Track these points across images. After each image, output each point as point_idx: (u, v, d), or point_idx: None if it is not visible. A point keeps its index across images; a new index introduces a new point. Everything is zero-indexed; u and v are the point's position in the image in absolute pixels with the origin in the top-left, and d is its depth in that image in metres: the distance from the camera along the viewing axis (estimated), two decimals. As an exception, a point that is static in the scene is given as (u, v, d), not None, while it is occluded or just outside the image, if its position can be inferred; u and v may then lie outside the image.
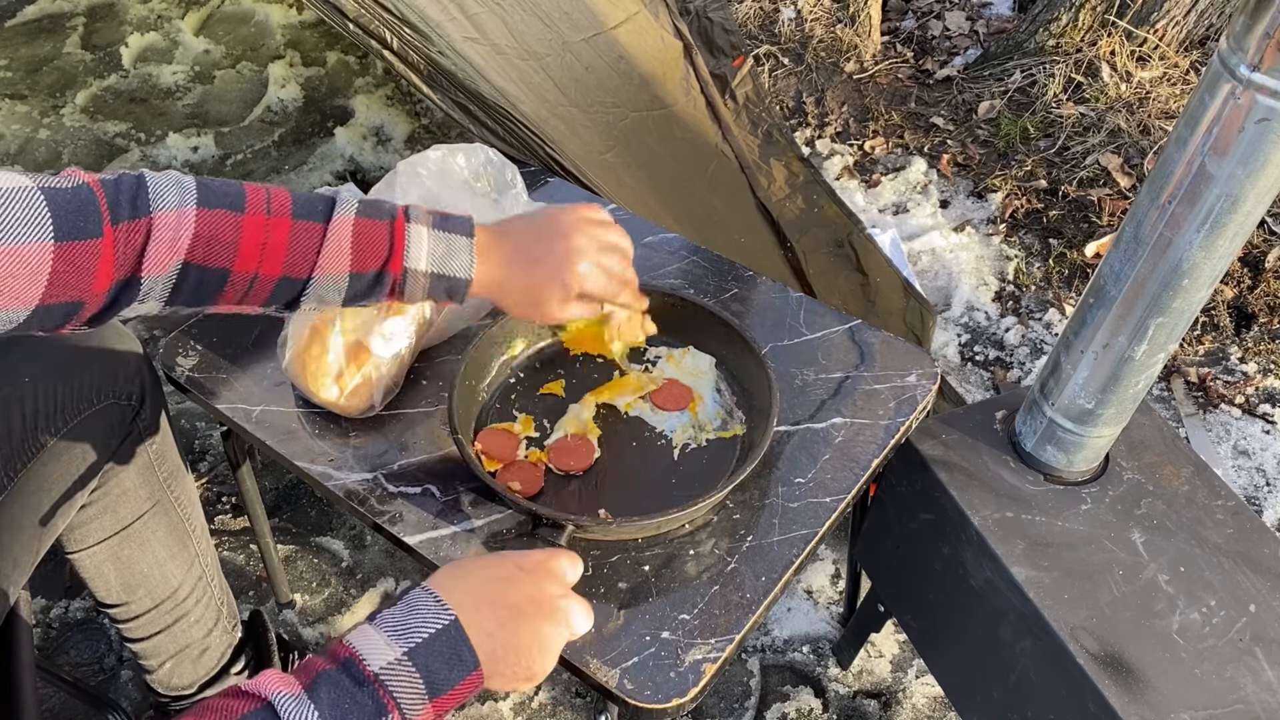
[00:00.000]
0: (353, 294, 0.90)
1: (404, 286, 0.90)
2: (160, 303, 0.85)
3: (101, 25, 3.10)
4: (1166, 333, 1.00)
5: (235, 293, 0.86)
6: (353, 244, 0.87)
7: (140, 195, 0.81)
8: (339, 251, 0.87)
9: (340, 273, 0.88)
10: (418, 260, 0.90)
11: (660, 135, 1.85)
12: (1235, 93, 0.82)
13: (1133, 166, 2.46)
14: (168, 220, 0.81)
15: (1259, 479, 1.91)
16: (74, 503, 1.10)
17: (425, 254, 0.90)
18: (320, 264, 0.87)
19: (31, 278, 0.74)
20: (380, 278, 0.89)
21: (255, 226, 0.84)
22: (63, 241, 0.75)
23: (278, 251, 0.86)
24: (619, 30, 1.82)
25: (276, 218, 0.86)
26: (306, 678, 0.66)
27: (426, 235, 0.90)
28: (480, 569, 0.78)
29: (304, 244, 0.86)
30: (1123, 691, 0.97)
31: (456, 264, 0.91)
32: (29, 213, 0.73)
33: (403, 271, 0.90)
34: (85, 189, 0.78)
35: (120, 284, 0.81)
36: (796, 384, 1.20)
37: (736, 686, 1.59)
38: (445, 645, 0.70)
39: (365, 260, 0.88)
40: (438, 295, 0.92)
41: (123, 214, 0.79)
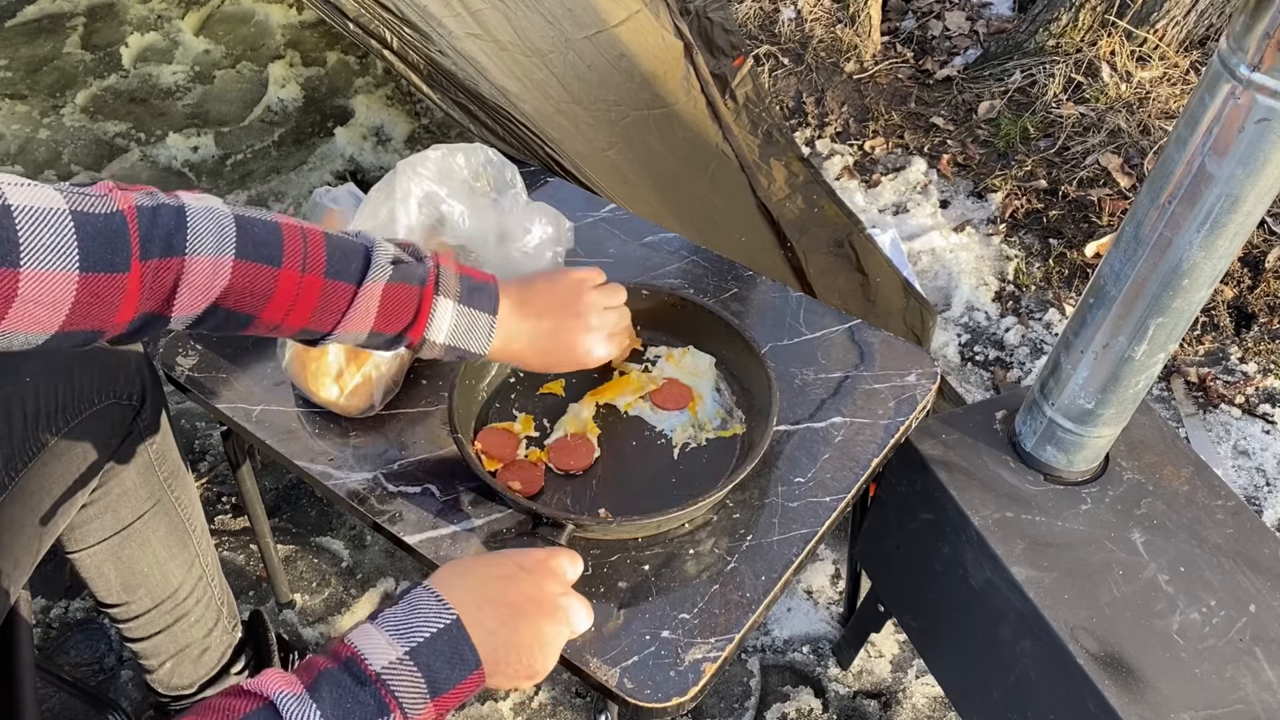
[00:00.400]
0: (369, 345, 0.93)
1: (419, 350, 0.94)
2: (180, 328, 0.86)
3: (101, 25, 3.10)
4: (1166, 333, 1.00)
5: (256, 332, 0.88)
6: (379, 309, 0.89)
7: (177, 235, 0.78)
8: (364, 314, 0.89)
9: (361, 331, 0.90)
10: (438, 334, 0.92)
11: (661, 134, 1.85)
12: (1235, 93, 0.82)
13: (1133, 166, 2.46)
14: (202, 267, 0.80)
15: (1259, 479, 1.91)
16: (74, 502, 1.10)
17: (447, 328, 0.92)
18: (343, 324, 0.89)
19: (54, 306, 0.72)
20: (398, 339, 0.92)
21: (289, 282, 0.85)
22: (88, 273, 0.73)
23: (306, 307, 0.87)
24: (620, 28, 1.82)
25: (310, 275, 0.86)
26: (308, 677, 0.66)
27: (451, 310, 0.92)
28: (481, 568, 0.78)
29: (332, 303, 0.88)
30: (1123, 691, 0.97)
31: (475, 340, 0.95)
32: (56, 239, 0.71)
33: (421, 340, 0.92)
34: (119, 217, 0.75)
35: (146, 317, 0.80)
36: (796, 384, 1.20)
37: (736, 686, 1.59)
38: (447, 644, 0.70)
39: (388, 324, 0.90)
40: (449, 359, 0.96)
41: (154, 251, 0.77)
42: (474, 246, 1.20)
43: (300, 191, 2.52)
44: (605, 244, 1.40)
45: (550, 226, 1.20)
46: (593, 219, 1.43)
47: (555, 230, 1.21)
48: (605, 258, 1.37)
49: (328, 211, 1.28)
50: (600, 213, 1.45)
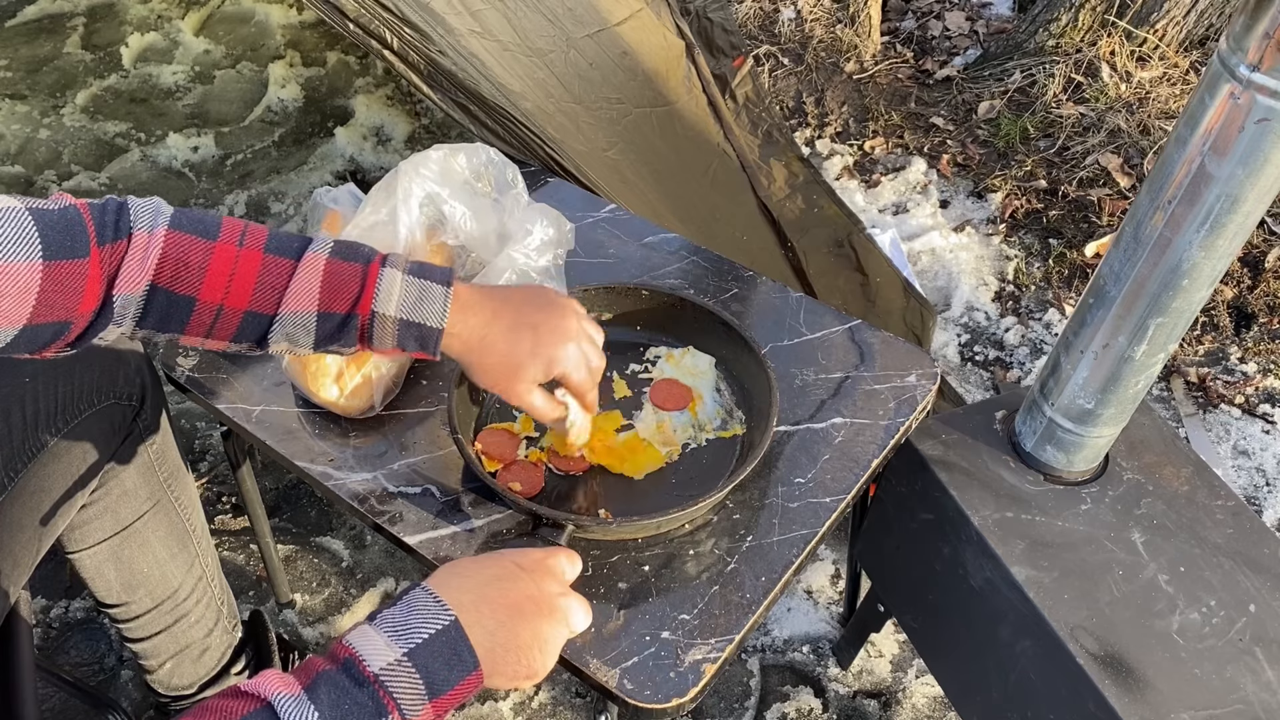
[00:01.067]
0: (322, 335, 0.88)
1: (372, 331, 0.88)
2: (133, 324, 0.84)
3: (101, 25, 3.10)
4: (1166, 333, 1.00)
5: (202, 323, 0.85)
6: (322, 283, 0.86)
7: (122, 217, 0.82)
8: (307, 289, 0.86)
9: (307, 311, 0.86)
10: (387, 305, 0.87)
11: (663, 132, 1.85)
12: (1235, 93, 0.82)
13: (1133, 166, 2.46)
14: (140, 240, 0.82)
15: (1259, 479, 1.91)
16: (74, 502, 1.10)
17: (396, 299, 0.88)
18: (286, 301, 0.86)
19: (21, 296, 0.74)
20: (348, 320, 0.87)
21: (224, 256, 0.84)
22: (51, 261, 0.75)
23: (245, 284, 0.85)
24: (622, 27, 1.82)
25: (248, 250, 0.85)
26: (306, 678, 0.66)
27: (399, 280, 0.88)
28: (479, 568, 0.78)
29: (272, 279, 0.86)
30: (1123, 691, 0.97)
31: (428, 311, 0.88)
32: (18, 232, 0.74)
33: (370, 315, 0.87)
34: (73, 210, 0.79)
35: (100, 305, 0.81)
36: (796, 384, 1.20)
37: (736, 686, 1.59)
38: (445, 645, 0.70)
39: (333, 300, 0.87)
40: (408, 344, 0.89)
41: (108, 235, 0.80)
42: (475, 247, 1.20)
43: (300, 191, 2.52)
44: (605, 244, 1.40)
45: (551, 227, 1.20)
46: (593, 219, 1.43)
47: (556, 231, 1.21)
48: (605, 258, 1.37)
49: (328, 211, 1.28)
50: (600, 213, 1.45)
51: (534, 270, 1.18)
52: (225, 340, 0.88)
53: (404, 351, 0.91)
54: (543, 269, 1.18)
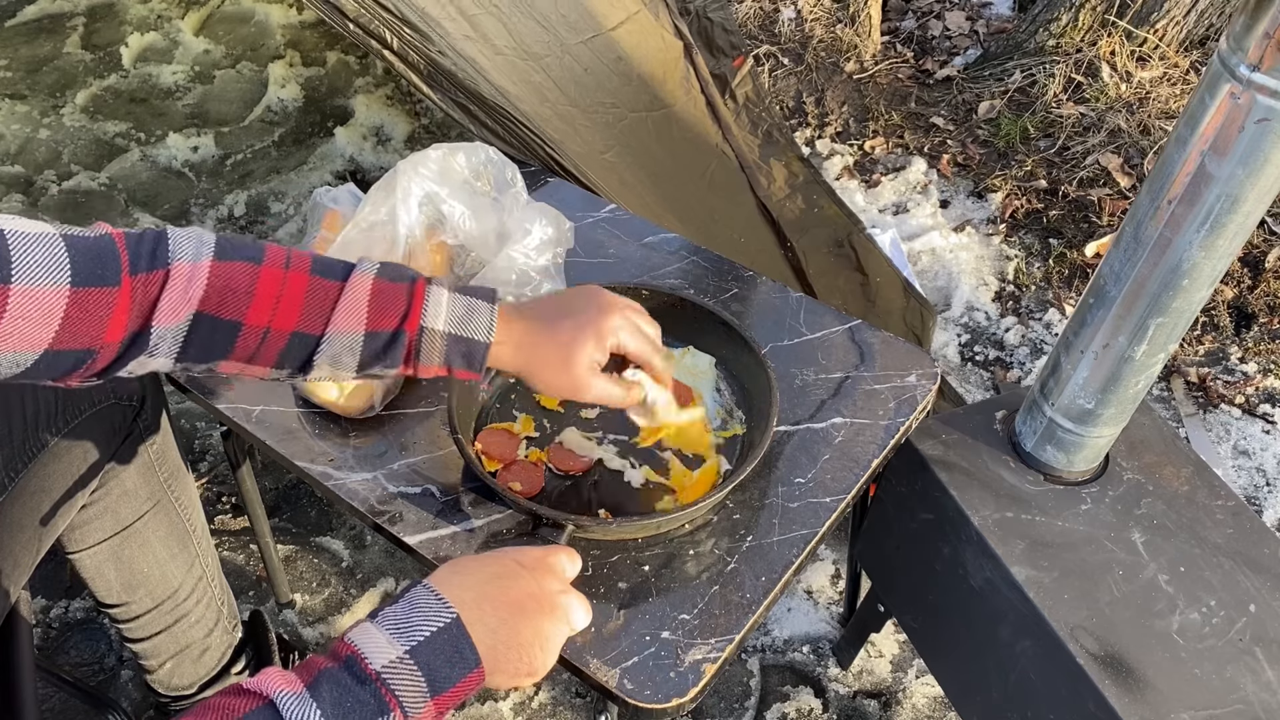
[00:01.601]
0: (368, 356, 0.87)
1: (419, 348, 0.88)
2: (170, 358, 0.83)
3: (101, 25, 3.10)
4: (1166, 333, 1.00)
5: (247, 347, 0.84)
6: (369, 301, 0.86)
7: (160, 247, 0.80)
8: (355, 307, 0.85)
9: (355, 330, 0.86)
10: (435, 319, 0.88)
11: (660, 136, 1.85)
12: (1235, 93, 0.82)
13: (1133, 166, 2.46)
14: (182, 271, 0.80)
15: (1259, 479, 1.91)
16: (74, 503, 1.10)
17: (444, 314, 0.88)
18: (334, 320, 0.85)
19: (43, 321, 0.73)
20: (396, 337, 0.87)
21: (271, 279, 0.83)
22: (79, 287, 0.74)
23: (293, 305, 0.84)
24: (618, 31, 1.82)
25: (294, 272, 0.85)
26: (308, 676, 0.66)
27: (446, 297, 0.89)
28: (480, 566, 0.78)
29: (320, 299, 0.85)
30: (1123, 691, 0.97)
31: (476, 325, 0.89)
32: (48, 257, 0.73)
33: (419, 331, 0.87)
34: (107, 239, 0.78)
35: (133, 336, 0.80)
36: (796, 384, 1.20)
37: (736, 686, 1.59)
38: (447, 643, 0.70)
39: (381, 318, 0.86)
40: (455, 361, 0.89)
41: (142, 265, 0.79)
42: (474, 246, 1.20)
43: (300, 191, 2.52)
44: (605, 244, 1.40)
45: (550, 227, 1.20)
46: (593, 219, 1.43)
47: (556, 230, 1.21)
48: (605, 258, 1.37)
49: (328, 211, 1.28)
50: (600, 213, 1.45)
51: (534, 269, 1.18)
52: (267, 366, 0.87)
53: (449, 371, 0.90)
54: (542, 268, 1.18)
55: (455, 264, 1.24)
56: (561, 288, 1.19)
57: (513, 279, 1.16)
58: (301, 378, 0.89)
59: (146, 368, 0.83)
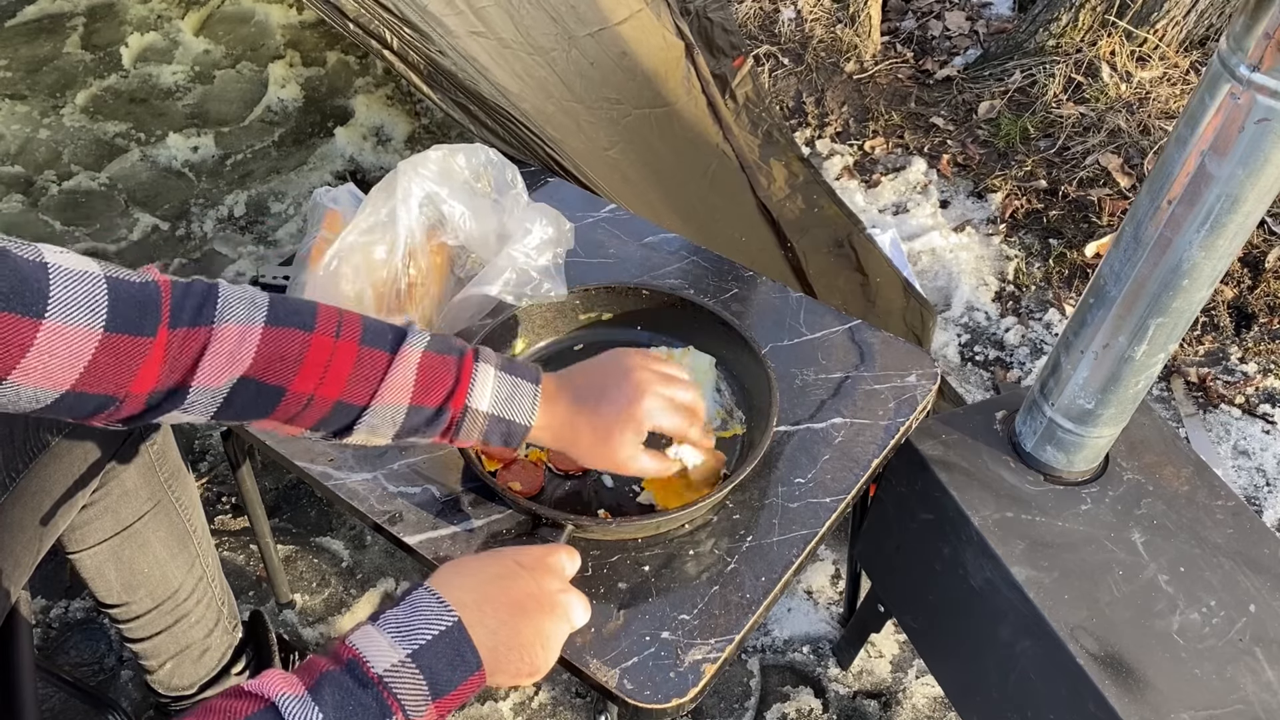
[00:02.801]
0: (407, 428, 0.87)
1: (461, 424, 0.88)
2: (206, 416, 0.81)
3: (101, 25, 3.10)
4: (1166, 333, 1.00)
5: (287, 412, 0.83)
6: (418, 376, 0.85)
7: (207, 305, 0.78)
8: (403, 382, 0.85)
9: (400, 404, 0.85)
10: (480, 400, 0.87)
11: (662, 133, 1.85)
12: (1235, 93, 0.82)
13: (1133, 166, 2.46)
14: (230, 334, 0.78)
15: (1259, 479, 1.91)
16: (75, 503, 1.10)
17: (489, 395, 0.88)
18: (381, 392, 0.84)
19: (69, 361, 0.71)
20: (439, 413, 0.86)
21: (321, 348, 0.82)
22: (113, 333, 0.72)
23: (340, 374, 0.83)
24: (622, 27, 1.82)
25: (344, 341, 0.83)
26: (310, 679, 0.66)
27: (493, 376, 0.88)
28: (481, 567, 0.78)
29: (368, 370, 0.84)
30: (1123, 691, 0.97)
31: (519, 409, 0.89)
32: (88, 297, 0.71)
33: (463, 410, 0.87)
34: (153, 286, 0.76)
35: (166, 391, 0.77)
36: (796, 384, 1.20)
37: (736, 686, 1.59)
38: (448, 646, 0.70)
39: (427, 394, 0.86)
40: (493, 440, 0.90)
41: (184, 319, 0.77)
42: (474, 246, 1.20)
43: (300, 191, 2.52)
44: (605, 244, 1.40)
45: (550, 227, 1.20)
46: (593, 219, 1.43)
47: (556, 230, 1.21)
48: (605, 258, 1.37)
49: (328, 211, 1.28)
50: (600, 213, 1.45)
51: (534, 269, 1.18)
52: (304, 428, 0.85)
53: (485, 445, 0.91)
54: (542, 268, 1.18)
55: (455, 265, 1.24)
56: (561, 289, 1.19)
57: (512, 278, 1.16)
58: (336, 440, 0.88)
59: (180, 420, 0.81)
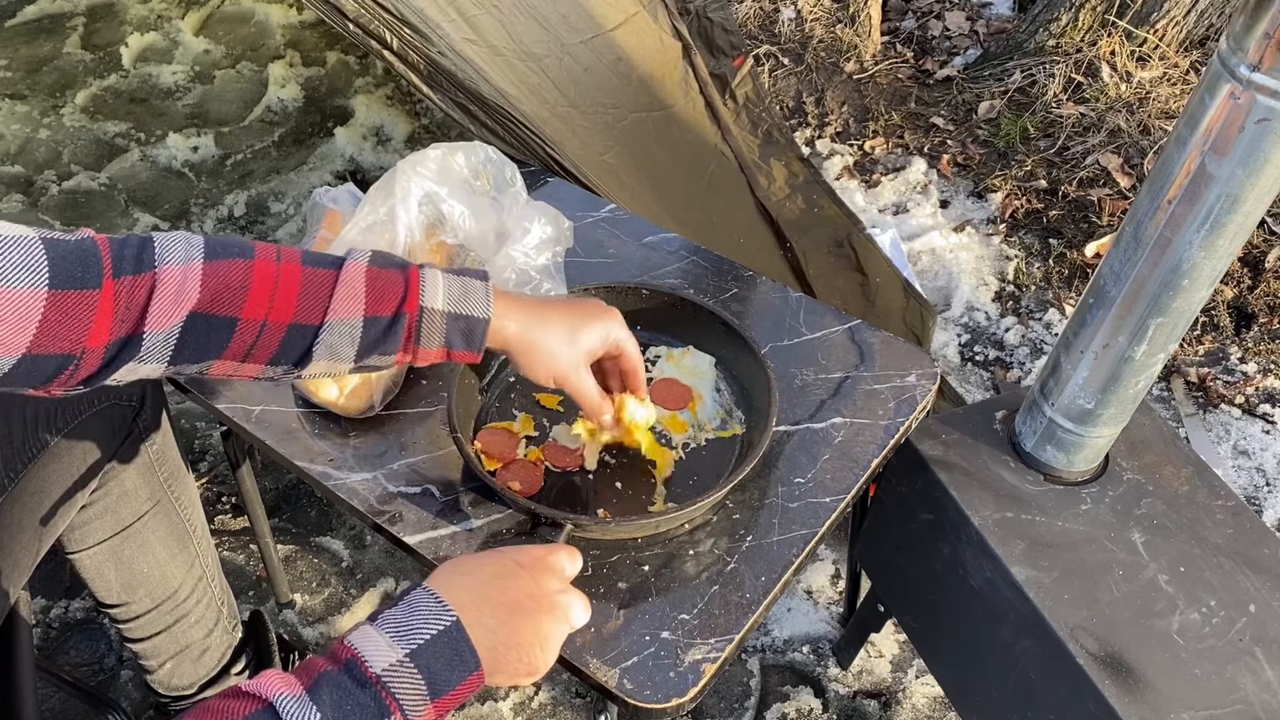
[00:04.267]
0: (367, 343, 0.86)
1: (420, 329, 0.88)
2: (162, 363, 0.81)
3: (101, 25, 3.10)
4: (1166, 333, 1.00)
5: (242, 343, 0.83)
6: (367, 287, 0.85)
7: (146, 251, 0.79)
8: (354, 294, 0.85)
9: (354, 318, 0.85)
10: (434, 299, 0.87)
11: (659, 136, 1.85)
12: (1235, 93, 0.82)
13: (1133, 166, 2.46)
14: (173, 275, 0.79)
15: (1259, 479, 1.91)
16: (74, 503, 1.10)
17: (442, 293, 0.88)
18: (334, 307, 0.84)
19: (19, 324, 0.71)
20: (396, 320, 0.86)
21: (265, 272, 0.82)
22: (57, 290, 0.73)
23: (289, 296, 0.83)
24: (617, 32, 1.82)
25: (286, 264, 0.84)
26: (308, 679, 0.66)
27: (441, 277, 0.89)
28: (480, 566, 0.78)
29: (316, 288, 0.84)
30: (1123, 691, 0.97)
31: (474, 302, 0.89)
32: (25, 259, 0.71)
33: (419, 311, 0.87)
34: (89, 242, 0.76)
35: (121, 341, 0.78)
36: (796, 384, 1.20)
37: (736, 686, 1.59)
38: (447, 646, 0.70)
39: (381, 303, 0.86)
40: (455, 340, 0.89)
41: (126, 269, 0.77)
42: (474, 245, 1.20)
43: (300, 191, 2.52)
44: (605, 244, 1.40)
45: (550, 226, 1.20)
46: (593, 219, 1.43)
47: (555, 230, 1.21)
48: (605, 258, 1.37)
49: (327, 211, 1.28)
50: (600, 213, 1.45)
51: (533, 269, 1.18)
52: (261, 363, 0.85)
53: (449, 353, 0.90)
54: (541, 268, 1.18)
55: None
56: (561, 288, 1.19)
57: (512, 278, 1.16)
58: (297, 373, 0.87)
59: (136, 374, 0.82)
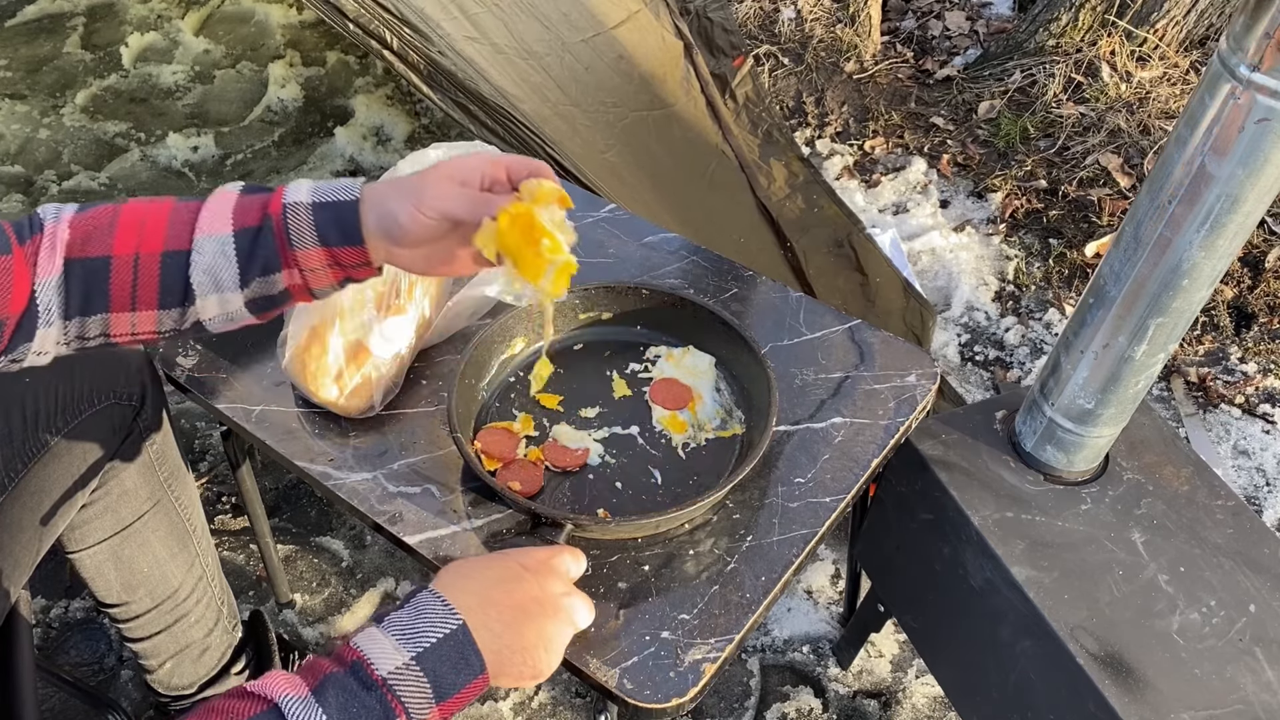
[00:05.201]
0: (244, 262, 0.83)
1: (288, 227, 0.83)
2: (60, 317, 0.83)
3: (101, 25, 3.10)
4: (1166, 333, 1.00)
5: (123, 285, 0.83)
6: (235, 206, 0.84)
7: (34, 218, 0.84)
8: (220, 214, 0.84)
9: (223, 233, 0.83)
10: (298, 194, 0.84)
11: (660, 135, 1.85)
12: (1235, 93, 0.82)
13: (1133, 166, 2.46)
14: (49, 228, 0.84)
15: (1259, 479, 1.91)
16: (74, 503, 1.10)
17: (306, 189, 0.84)
18: (200, 226, 0.83)
19: None
20: (264, 226, 0.83)
21: (133, 211, 0.85)
22: None
23: (157, 227, 0.84)
24: (619, 30, 1.82)
25: (157, 204, 0.86)
26: (313, 680, 0.66)
27: (309, 181, 0.86)
28: (485, 570, 0.78)
29: (183, 217, 0.85)
30: (1123, 691, 0.97)
31: (341, 190, 0.84)
32: None
33: (283, 208, 0.83)
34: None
35: (26, 305, 0.81)
36: (796, 384, 1.20)
37: (736, 686, 1.59)
38: (453, 649, 0.70)
39: (247, 215, 0.84)
40: (329, 235, 0.83)
41: (25, 235, 0.83)
42: (474, 246, 1.20)
43: (300, 191, 2.51)
44: (605, 244, 1.40)
45: (550, 226, 1.20)
46: (593, 219, 1.43)
47: (555, 230, 1.21)
48: (605, 258, 1.37)
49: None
50: (600, 213, 1.45)
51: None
52: (153, 308, 0.84)
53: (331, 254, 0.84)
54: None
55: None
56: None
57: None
58: (195, 318, 0.85)
59: (46, 342, 0.83)
